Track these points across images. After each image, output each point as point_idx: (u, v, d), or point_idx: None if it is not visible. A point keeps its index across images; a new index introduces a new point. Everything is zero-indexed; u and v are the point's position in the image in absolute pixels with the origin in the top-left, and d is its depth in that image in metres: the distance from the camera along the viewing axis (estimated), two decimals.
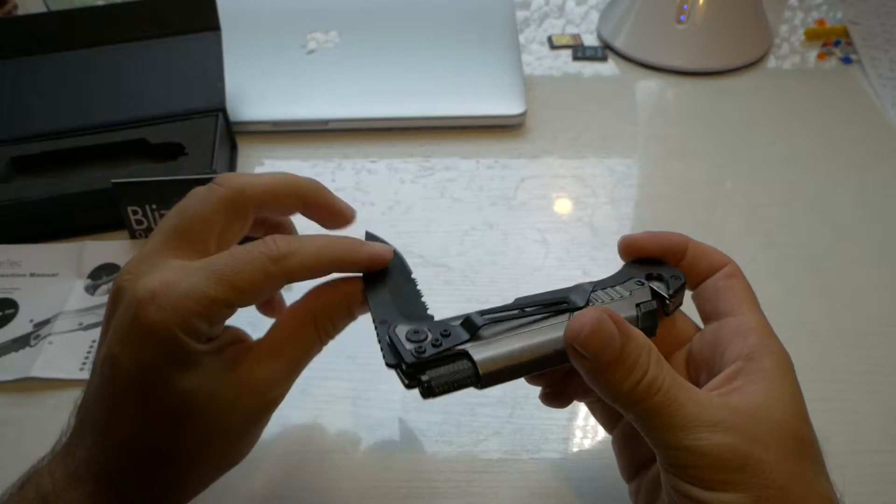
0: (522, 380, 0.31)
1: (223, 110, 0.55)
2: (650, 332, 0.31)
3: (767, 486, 0.25)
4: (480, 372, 0.28)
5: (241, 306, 0.29)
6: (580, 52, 0.69)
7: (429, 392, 0.28)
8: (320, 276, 0.31)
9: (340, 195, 0.54)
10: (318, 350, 0.32)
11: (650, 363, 0.27)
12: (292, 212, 0.35)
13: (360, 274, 0.32)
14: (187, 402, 0.27)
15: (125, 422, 0.27)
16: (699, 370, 0.31)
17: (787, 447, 0.26)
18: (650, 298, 0.31)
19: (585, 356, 0.27)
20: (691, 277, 0.33)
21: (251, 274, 0.28)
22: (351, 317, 0.32)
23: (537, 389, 0.41)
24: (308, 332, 0.31)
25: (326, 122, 0.59)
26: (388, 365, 0.28)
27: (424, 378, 0.27)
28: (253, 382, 0.29)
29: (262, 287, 0.29)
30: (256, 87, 0.61)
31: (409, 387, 0.28)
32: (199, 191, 0.31)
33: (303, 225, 0.37)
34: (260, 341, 0.31)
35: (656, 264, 0.33)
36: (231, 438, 0.29)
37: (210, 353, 0.28)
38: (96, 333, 0.44)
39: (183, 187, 0.46)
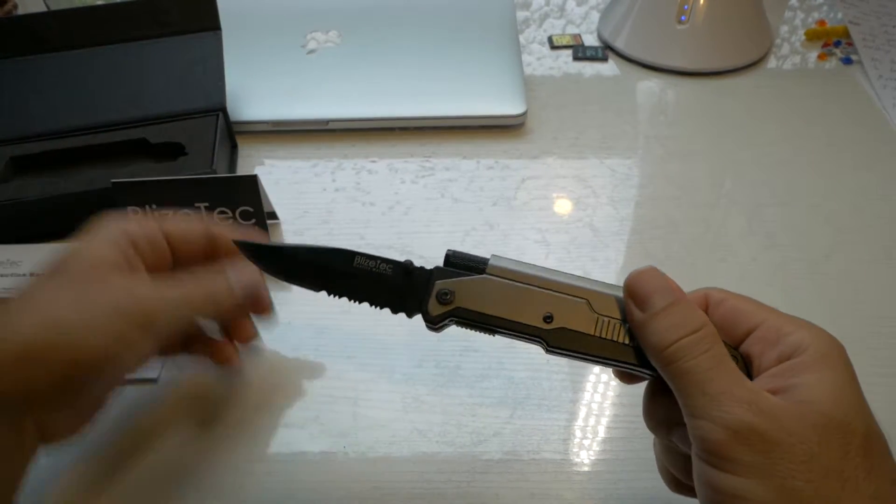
0: (524, 381, 0.30)
1: (223, 110, 0.55)
2: None
3: (794, 476, 0.23)
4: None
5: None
6: (581, 53, 0.69)
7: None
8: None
9: (341, 195, 0.55)
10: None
11: (701, 325, 0.27)
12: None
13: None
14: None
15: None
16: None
17: (832, 441, 0.24)
18: None
19: (637, 302, 0.28)
20: None
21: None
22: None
23: (538, 392, 0.41)
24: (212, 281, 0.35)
25: (327, 121, 0.59)
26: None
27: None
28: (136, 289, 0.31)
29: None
30: (257, 87, 0.61)
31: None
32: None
33: None
34: None
35: None
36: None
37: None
38: None
39: (183, 187, 0.47)
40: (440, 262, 0.32)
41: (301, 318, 0.46)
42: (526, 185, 0.55)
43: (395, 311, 0.33)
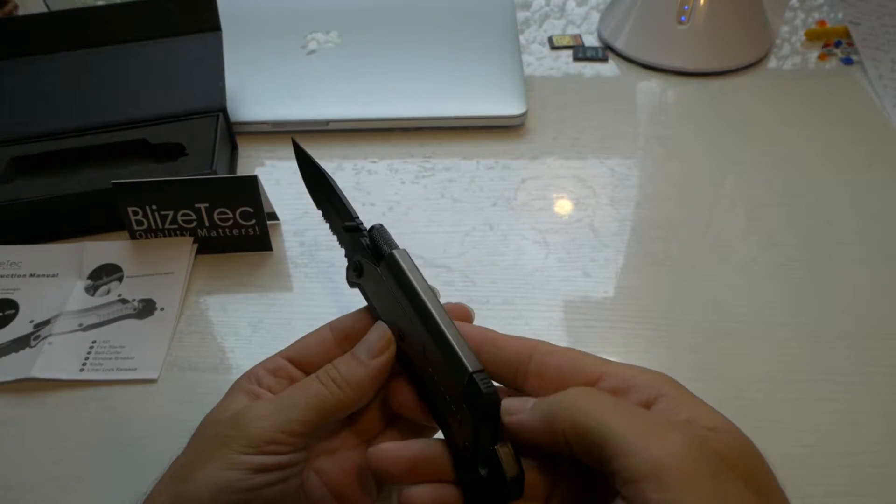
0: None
1: (223, 111, 0.55)
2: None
3: None
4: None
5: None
6: (581, 53, 0.69)
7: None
8: None
9: None
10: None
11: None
12: None
13: None
14: None
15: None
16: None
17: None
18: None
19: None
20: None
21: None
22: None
23: None
24: None
25: (327, 122, 0.59)
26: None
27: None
28: None
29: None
30: (257, 88, 0.61)
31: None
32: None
33: None
34: None
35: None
36: None
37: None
38: (96, 334, 0.44)
39: (183, 188, 0.47)
40: (441, 262, 0.32)
41: (301, 317, 0.46)
42: (526, 186, 0.55)
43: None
